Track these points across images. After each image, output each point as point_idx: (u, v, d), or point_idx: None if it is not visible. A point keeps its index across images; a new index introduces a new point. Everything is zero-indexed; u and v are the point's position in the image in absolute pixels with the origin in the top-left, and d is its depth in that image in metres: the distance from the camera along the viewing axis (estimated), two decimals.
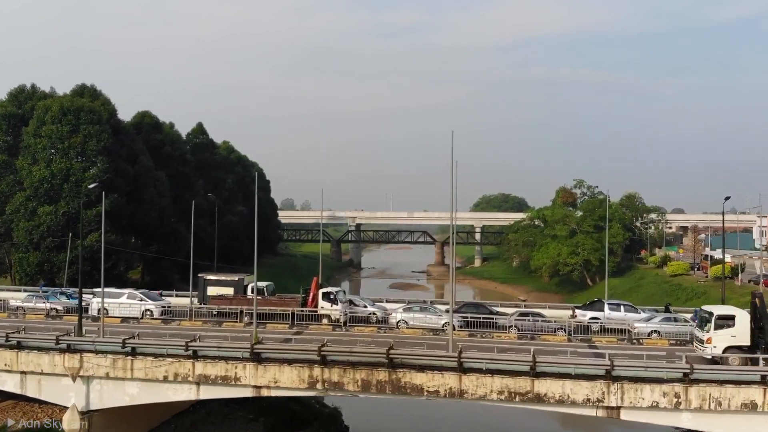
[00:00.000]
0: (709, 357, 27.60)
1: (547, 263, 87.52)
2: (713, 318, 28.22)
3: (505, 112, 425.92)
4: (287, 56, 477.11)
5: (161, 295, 44.23)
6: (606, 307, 38.20)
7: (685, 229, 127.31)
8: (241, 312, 37.66)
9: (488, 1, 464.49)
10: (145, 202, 60.08)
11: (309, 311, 37.49)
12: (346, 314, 36.97)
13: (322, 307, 37.27)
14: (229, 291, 41.18)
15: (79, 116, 56.86)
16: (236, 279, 42.05)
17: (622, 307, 38.48)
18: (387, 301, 43.21)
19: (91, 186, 45.92)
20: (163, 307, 39.39)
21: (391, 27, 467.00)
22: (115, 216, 56.67)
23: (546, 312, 40.13)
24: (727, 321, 28.02)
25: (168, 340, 29.40)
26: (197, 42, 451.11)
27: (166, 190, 62.56)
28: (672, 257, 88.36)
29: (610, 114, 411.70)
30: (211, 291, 40.29)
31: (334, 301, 37.22)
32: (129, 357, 28.99)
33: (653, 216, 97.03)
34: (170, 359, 28.61)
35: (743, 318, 28.23)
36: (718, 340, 27.69)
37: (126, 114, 71.72)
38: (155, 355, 28.86)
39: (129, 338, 29.19)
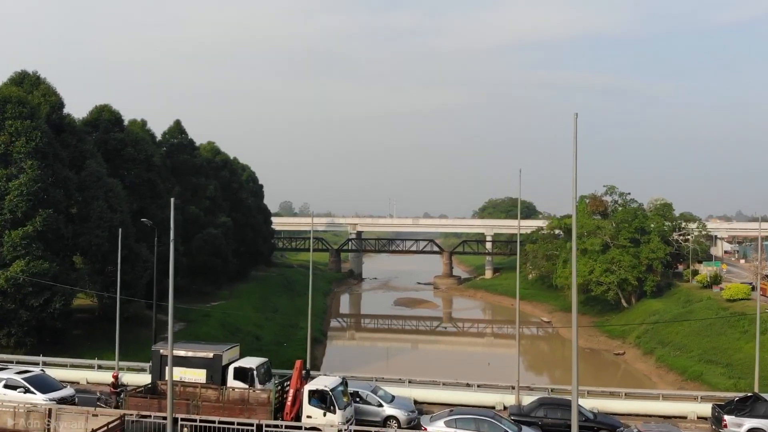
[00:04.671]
0: None
1: (578, 282, 72.94)
2: None
3: (507, 114, 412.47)
4: (287, 59, 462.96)
5: (116, 381, 28.38)
6: None
7: (710, 238, 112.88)
8: (176, 422, 21.75)
9: (488, 5, 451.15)
10: (93, 218, 45.60)
11: (288, 428, 21.84)
12: (350, 426, 21.65)
13: (309, 417, 21.65)
14: (198, 374, 25.25)
15: (4, 109, 42.47)
16: (210, 356, 25.63)
17: None
18: (410, 383, 27.72)
19: None
20: (63, 399, 24.65)
21: (392, 30, 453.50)
22: (51, 237, 42.39)
23: (656, 407, 25.82)
24: None
25: None
26: (196, 45, 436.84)
27: (121, 201, 48.09)
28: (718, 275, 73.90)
29: (610, 117, 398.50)
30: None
31: (328, 407, 21.74)
32: None
33: (693, 226, 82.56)
34: None
35: None
36: None
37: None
38: None
39: None
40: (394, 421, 22.71)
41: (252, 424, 21.25)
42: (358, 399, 23.57)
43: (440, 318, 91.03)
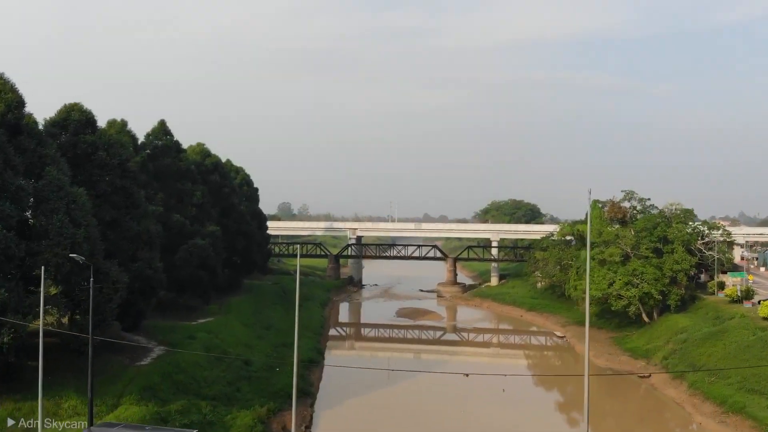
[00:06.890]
0: None
1: (596, 295, 66.30)
2: None
3: (507, 114, 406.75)
4: (287, 58, 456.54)
5: None
6: None
7: (729, 245, 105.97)
8: None
9: (488, 4, 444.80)
10: (52, 234, 38.79)
11: None
12: None
13: None
14: None
15: None
16: None
17: None
18: None
19: None
20: None
21: (392, 30, 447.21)
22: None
23: None
24: None
25: None
26: (195, 44, 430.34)
27: (86, 213, 41.25)
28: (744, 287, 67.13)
29: (610, 117, 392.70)
30: None
31: None
32: None
33: (717, 233, 75.91)
34: None
35: None
36: None
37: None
38: None
39: None
40: None
41: None
42: None
43: (444, 328, 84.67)
